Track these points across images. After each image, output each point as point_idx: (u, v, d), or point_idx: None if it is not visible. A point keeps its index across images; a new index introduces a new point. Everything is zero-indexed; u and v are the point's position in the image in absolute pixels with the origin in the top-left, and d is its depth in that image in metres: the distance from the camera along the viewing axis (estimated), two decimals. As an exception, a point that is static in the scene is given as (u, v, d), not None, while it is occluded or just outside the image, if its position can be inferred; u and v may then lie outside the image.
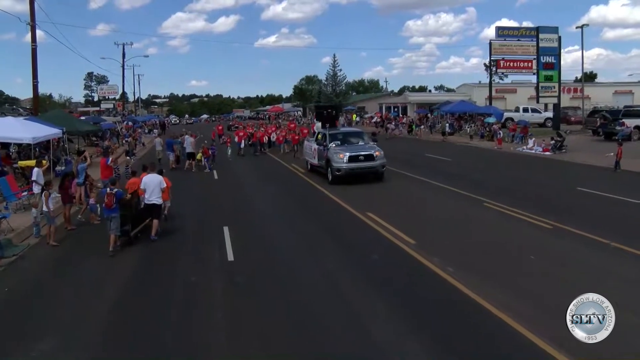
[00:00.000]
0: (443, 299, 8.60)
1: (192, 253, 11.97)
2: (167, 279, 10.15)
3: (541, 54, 43.43)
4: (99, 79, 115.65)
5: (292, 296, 8.99)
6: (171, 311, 8.50)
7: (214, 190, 20.65)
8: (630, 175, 20.52)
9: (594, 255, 10.52)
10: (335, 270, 10.25)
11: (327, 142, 21.12)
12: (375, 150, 20.28)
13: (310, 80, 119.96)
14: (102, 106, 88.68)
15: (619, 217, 13.71)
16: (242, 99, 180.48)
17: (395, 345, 7.05)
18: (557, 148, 29.13)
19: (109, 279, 10.34)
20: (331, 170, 20.12)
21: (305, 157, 25.16)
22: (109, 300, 9.14)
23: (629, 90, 73.47)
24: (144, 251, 12.23)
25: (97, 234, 13.64)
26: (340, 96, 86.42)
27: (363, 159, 19.87)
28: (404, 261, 10.60)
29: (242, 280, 9.82)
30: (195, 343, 7.32)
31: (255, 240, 12.81)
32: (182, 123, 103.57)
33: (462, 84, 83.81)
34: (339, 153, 19.97)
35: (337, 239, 12.66)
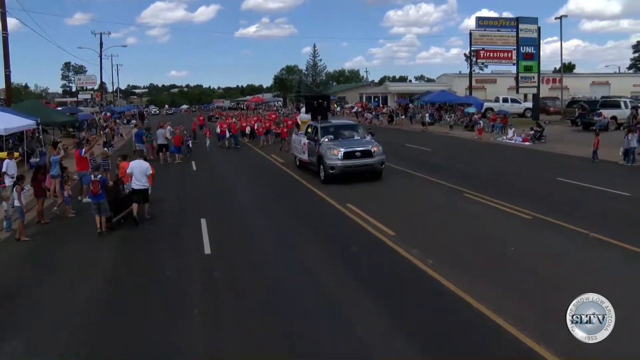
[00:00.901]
0: (422, 291, 8.50)
1: (168, 246, 11.73)
2: (142, 273, 9.92)
3: (521, 44, 43.61)
4: (76, 69, 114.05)
5: (269, 290, 8.82)
6: (146, 306, 8.28)
7: (192, 182, 20.29)
8: (608, 165, 20.67)
9: (573, 246, 10.51)
10: (313, 263, 10.11)
11: (319, 136, 19.07)
12: (373, 145, 18.30)
13: (290, 70, 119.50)
14: (79, 97, 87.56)
15: (597, 208, 13.76)
16: (223, 89, 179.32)
17: (376, 339, 6.91)
18: (536, 138, 29.28)
19: (81, 273, 10.06)
20: (324, 168, 18.10)
21: (294, 152, 23.24)
22: (81, 295, 8.89)
23: (606, 81, 74.31)
24: (120, 244, 12.00)
25: (72, 228, 13.37)
26: (321, 86, 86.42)
27: (360, 156, 17.85)
28: (384, 253, 10.48)
29: (219, 274, 9.61)
30: (170, 339, 7.11)
31: (233, 233, 12.58)
32: (162, 113, 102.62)
33: (442, 74, 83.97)
34: (333, 149, 17.91)
35: (316, 231, 12.50)
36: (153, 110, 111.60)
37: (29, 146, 24.50)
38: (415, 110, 53.30)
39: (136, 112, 75.20)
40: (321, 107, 26.11)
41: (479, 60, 48.34)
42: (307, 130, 21.31)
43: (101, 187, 12.35)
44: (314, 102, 26.95)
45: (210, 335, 7.26)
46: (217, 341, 7.07)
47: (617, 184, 16.30)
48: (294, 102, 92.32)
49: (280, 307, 8.09)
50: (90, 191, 12.47)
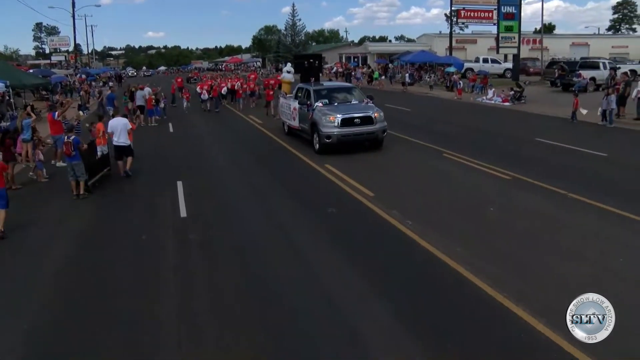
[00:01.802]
0: (402, 252, 8.44)
1: (144, 209, 11.53)
2: (116, 237, 9.72)
3: (502, 3, 43.17)
4: (49, 30, 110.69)
5: (246, 253, 8.70)
6: (119, 270, 8.14)
7: (168, 145, 19.89)
8: (586, 126, 20.69)
9: (552, 206, 10.50)
10: (291, 225, 10.01)
11: (312, 100, 17.15)
12: (374, 110, 16.39)
13: (269, 31, 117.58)
14: (52, 59, 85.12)
15: (575, 168, 13.78)
16: (201, 50, 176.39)
17: (354, 303, 6.85)
18: (516, 99, 29.22)
19: (56, 237, 9.88)
20: (318, 137, 16.19)
21: (282, 117, 21.11)
22: (56, 261, 8.72)
23: (585, 43, 74.47)
24: (93, 208, 11.76)
25: (44, 193, 13.05)
26: (300, 46, 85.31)
27: (359, 123, 15.94)
28: (362, 215, 10.39)
29: (194, 237, 9.45)
30: (145, 305, 6.97)
31: (209, 195, 12.38)
32: (140, 75, 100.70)
33: (422, 34, 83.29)
34: (329, 115, 15.97)
35: (294, 193, 12.35)
36: (130, 72, 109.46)
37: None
38: (395, 71, 52.84)
39: (112, 75, 73.56)
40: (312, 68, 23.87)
41: (459, 20, 47.75)
42: (297, 93, 19.55)
43: (74, 148, 12.15)
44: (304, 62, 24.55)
45: (183, 299, 7.15)
46: (189, 305, 6.95)
47: (595, 144, 16.34)
48: (273, 62, 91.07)
49: (254, 270, 8.00)
50: (64, 152, 12.42)
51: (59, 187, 13.38)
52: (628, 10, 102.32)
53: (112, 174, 14.61)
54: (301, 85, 20.21)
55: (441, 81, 42.61)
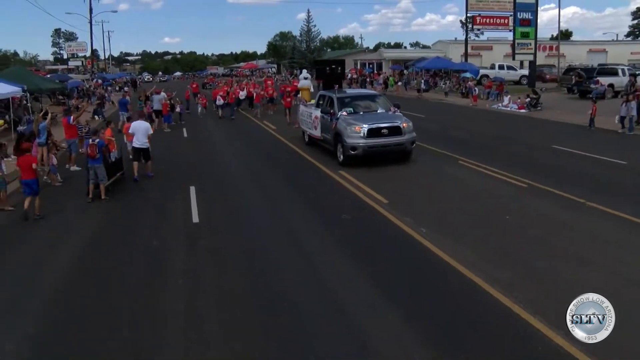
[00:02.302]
0: (415, 260, 8.30)
1: (156, 214, 11.52)
2: (128, 242, 9.65)
3: (518, 9, 42.76)
4: (67, 36, 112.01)
5: (256, 259, 8.59)
6: (130, 274, 8.08)
7: (182, 149, 19.86)
8: (604, 133, 20.40)
9: (570, 215, 10.29)
10: (303, 232, 9.91)
11: (335, 109, 16.18)
12: (403, 120, 15.37)
13: (284, 37, 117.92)
14: (70, 64, 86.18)
15: (593, 176, 13.53)
16: (216, 56, 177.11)
17: (365, 310, 6.73)
18: (532, 105, 28.91)
19: (67, 241, 9.86)
20: (343, 148, 15.17)
21: (302, 126, 20.04)
22: (66, 263, 8.70)
23: (603, 49, 73.62)
24: (107, 212, 11.74)
25: (58, 196, 13.07)
26: (315, 52, 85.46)
27: (387, 133, 14.92)
28: (376, 222, 10.26)
29: (205, 244, 9.37)
30: (153, 310, 6.90)
31: (222, 201, 12.32)
32: (156, 81, 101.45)
33: (437, 40, 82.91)
34: (354, 125, 14.97)
35: (308, 199, 12.26)
36: (146, 78, 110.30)
37: (15, 114, 23.94)
38: (410, 77, 52.65)
39: (128, 80, 74.12)
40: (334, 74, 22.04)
41: (475, 27, 47.58)
42: (318, 101, 18.57)
43: (99, 150, 12.31)
44: (325, 68, 22.75)
45: (191, 304, 7.07)
46: (197, 311, 6.86)
47: (613, 152, 16.05)
48: (288, 68, 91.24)
49: (264, 276, 7.89)
50: (88, 155, 12.40)
51: (73, 190, 13.42)
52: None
53: (125, 177, 14.62)
54: (323, 92, 19.07)
55: (456, 88, 42.33)
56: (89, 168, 12.49)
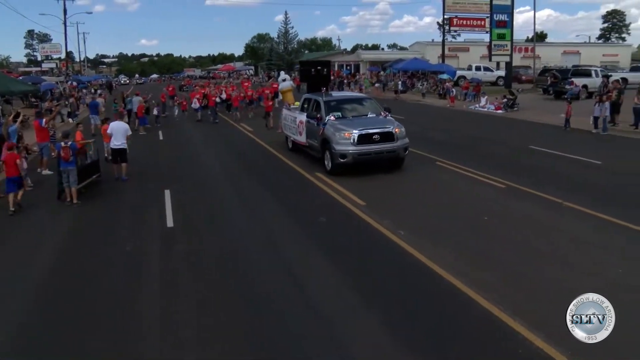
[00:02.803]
0: (393, 263, 8.18)
1: (130, 218, 11.23)
2: (100, 248, 9.36)
3: (494, 11, 43.16)
4: (40, 38, 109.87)
5: (232, 264, 8.40)
6: (101, 283, 7.81)
7: (158, 152, 19.60)
8: (579, 134, 20.58)
9: (548, 215, 10.28)
10: (280, 234, 9.76)
11: (322, 113, 15.18)
12: (395, 126, 14.41)
13: (262, 39, 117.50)
14: (43, 66, 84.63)
15: (570, 176, 13.57)
16: (194, 58, 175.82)
17: (345, 313, 6.60)
18: (509, 106, 29.12)
19: (37, 247, 9.58)
20: (331, 155, 14.13)
21: (286, 131, 18.85)
22: (34, 271, 8.40)
23: (577, 51, 74.98)
24: (78, 217, 11.46)
25: (28, 201, 12.67)
26: (292, 54, 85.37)
27: (378, 139, 13.94)
28: (354, 224, 10.13)
29: (180, 248, 9.15)
30: (129, 316, 6.68)
31: (197, 205, 12.07)
32: (132, 83, 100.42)
33: (415, 42, 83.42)
34: (344, 130, 13.98)
35: (284, 201, 12.10)
36: (123, 80, 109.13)
37: (-15, 116, 23.35)
38: (387, 78, 52.77)
39: (104, 82, 73.13)
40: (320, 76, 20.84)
41: (452, 28, 47.98)
42: (303, 105, 17.51)
43: (72, 153, 12.25)
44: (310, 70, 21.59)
45: (166, 311, 6.85)
46: (172, 317, 6.65)
47: (588, 152, 16.17)
48: (266, 70, 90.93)
49: (240, 282, 7.70)
50: (62, 157, 12.29)
51: (44, 195, 13.11)
52: (617, 19, 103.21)
53: (101, 180, 14.43)
54: (308, 95, 17.90)
55: (434, 89, 42.54)
56: (62, 171, 12.37)
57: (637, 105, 20.07)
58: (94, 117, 24.23)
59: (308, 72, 21.23)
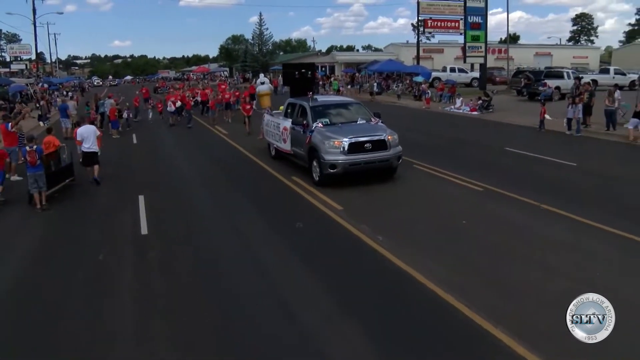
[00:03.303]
0: (372, 270, 8.04)
1: (102, 225, 10.87)
2: (71, 257, 9.01)
3: (468, 13, 43.51)
4: (9, 38, 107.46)
5: (209, 274, 8.13)
6: (74, 295, 7.52)
7: (131, 156, 19.20)
8: (553, 135, 20.76)
9: (525, 218, 10.27)
10: (257, 242, 9.52)
11: (309, 119, 14.15)
12: (387, 133, 13.51)
13: (236, 40, 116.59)
14: (12, 67, 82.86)
15: (546, 178, 13.62)
16: (168, 59, 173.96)
17: (322, 325, 6.42)
18: (484, 108, 29.34)
19: (6, 254, 9.27)
20: (320, 166, 13.08)
21: (268, 138, 17.68)
22: (3, 280, 8.08)
23: (548, 52, 76.46)
24: (47, 224, 11.14)
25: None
26: (267, 55, 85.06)
27: (370, 148, 12.98)
28: (331, 230, 9.98)
29: (155, 257, 8.88)
30: (100, 332, 6.41)
31: (172, 211, 11.79)
32: (106, 85, 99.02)
33: (389, 43, 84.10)
34: (333, 139, 13.00)
35: (260, 206, 11.88)
36: (96, 82, 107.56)
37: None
38: (362, 80, 52.84)
39: (77, 84, 71.84)
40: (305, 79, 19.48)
41: (426, 30, 48.23)
42: (287, 110, 16.36)
43: (38, 157, 12.05)
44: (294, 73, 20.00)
45: (139, 324, 6.63)
46: (146, 331, 6.43)
47: (563, 154, 16.30)
48: (240, 72, 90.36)
49: (216, 291, 7.49)
50: (28, 162, 12.04)
51: (12, 201, 12.69)
52: (586, 22, 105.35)
53: (75, 184, 14.28)
54: (293, 100, 16.66)
55: (409, 90, 42.69)
56: (29, 176, 12.12)
57: (608, 107, 20.33)
58: (64, 121, 23.63)
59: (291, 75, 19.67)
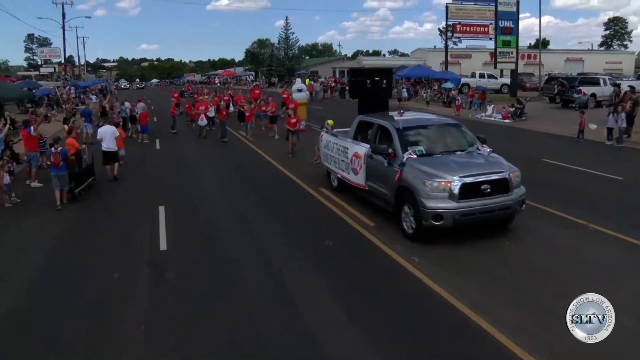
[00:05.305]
0: (407, 295, 7.34)
1: (120, 239, 10.31)
2: (84, 274, 8.46)
3: (499, 18, 42.41)
4: (40, 42, 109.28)
5: (230, 300, 7.46)
6: (84, 318, 6.94)
7: (153, 163, 18.72)
8: (594, 146, 19.76)
9: (573, 239, 9.46)
10: (284, 262, 8.79)
11: (397, 147, 10.33)
12: (509, 169, 9.93)
13: (262, 44, 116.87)
14: (41, 70, 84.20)
15: (591, 193, 12.74)
16: (194, 62, 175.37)
17: (351, 356, 5.75)
18: (516, 115, 28.32)
19: (13, 270, 8.77)
20: (417, 214, 9.27)
21: (327, 163, 13.73)
22: (11, 296, 7.62)
23: (580, 58, 74.55)
24: (61, 234, 10.70)
25: (7, 218, 11.86)
26: (293, 60, 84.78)
27: (488, 190, 9.25)
28: (363, 249, 9.29)
29: (173, 277, 8.25)
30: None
31: (193, 224, 11.13)
32: (133, 88, 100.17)
33: (416, 48, 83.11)
34: (438, 177, 9.16)
35: (288, 221, 11.18)
36: (123, 84, 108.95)
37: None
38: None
39: (104, 87, 72.40)
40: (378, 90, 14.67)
41: (454, 35, 47.26)
42: (357, 130, 12.46)
43: (62, 158, 12.50)
44: (365, 81, 14.77)
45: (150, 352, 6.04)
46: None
47: (607, 166, 15.33)
48: (266, 76, 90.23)
49: (235, 319, 6.84)
50: (52, 163, 12.54)
51: (28, 210, 12.38)
52: (619, 26, 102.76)
53: (96, 183, 14.69)
54: (366, 118, 12.42)
55: (438, 97, 41.74)
56: (53, 176, 12.55)
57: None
58: (86, 126, 23.20)
59: (361, 85, 14.75)
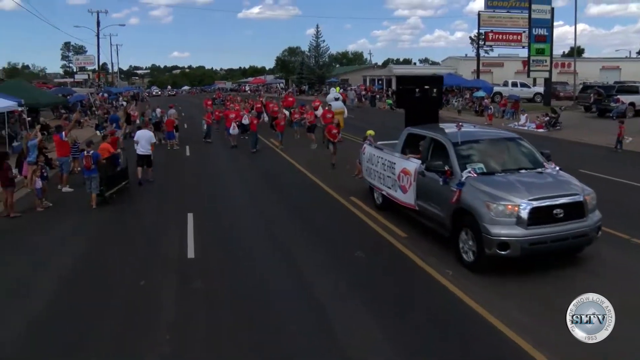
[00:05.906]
0: (442, 311, 7.05)
1: (148, 245, 10.22)
2: (110, 282, 8.37)
3: (533, 25, 41.70)
4: (76, 49, 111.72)
5: (259, 312, 7.24)
6: (108, 328, 6.82)
7: (183, 170, 18.69)
8: (634, 156, 19.06)
9: (615, 254, 9.00)
10: (315, 274, 8.55)
11: (455, 164, 9.18)
12: (584, 191, 8.59)
13: (293, 52, 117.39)
14: (76, 77, 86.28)
15: (634, 206, 12.21)
16: (225, 70, 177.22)
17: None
18: (551, 125, 27.63)
19: (43, 275, 8.74)
20: (479, 240, 8.16)
21: (370, 179, 12.66)
22: (36, 304, 7.53)
23: (617, 66, 72.79)
24: (89, 242, 10.60)
25: (40, 224, 11.90)
26: (323, 68, 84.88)
27: (561, 215, 8.05)
28: (394, 261, 9.00)
29: (201, 287, 8.08)
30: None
31: (223, 233, 10.97)
32: (164, 95, 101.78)
33: (447, 57, 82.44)
34: (504, 200, 8.05)
35: (317, 231, 10.93)
36: (155, 91, 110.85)
37: (12, 129, 22.92)
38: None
39: (136, 93, 73.63)
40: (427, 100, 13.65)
41: (487, 43, 46.66)
42: (406, 144, 11.49)
43: (94, 162, 12.84)
44: (414, 90, 13.62)
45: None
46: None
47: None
48: (297, 84, 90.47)
49: (264, 333, 6.62)
50: (84, 166, 13.06)
51: (59, 215, 12.48)
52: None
53: (129, 187, 15.01)
54: (416, 131, 11.40)
55: (469, 105, 41.15)
56: (86, 179, 13.12)
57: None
58: (118, 131, 23.40)
59: (410, 94, 13.63)
